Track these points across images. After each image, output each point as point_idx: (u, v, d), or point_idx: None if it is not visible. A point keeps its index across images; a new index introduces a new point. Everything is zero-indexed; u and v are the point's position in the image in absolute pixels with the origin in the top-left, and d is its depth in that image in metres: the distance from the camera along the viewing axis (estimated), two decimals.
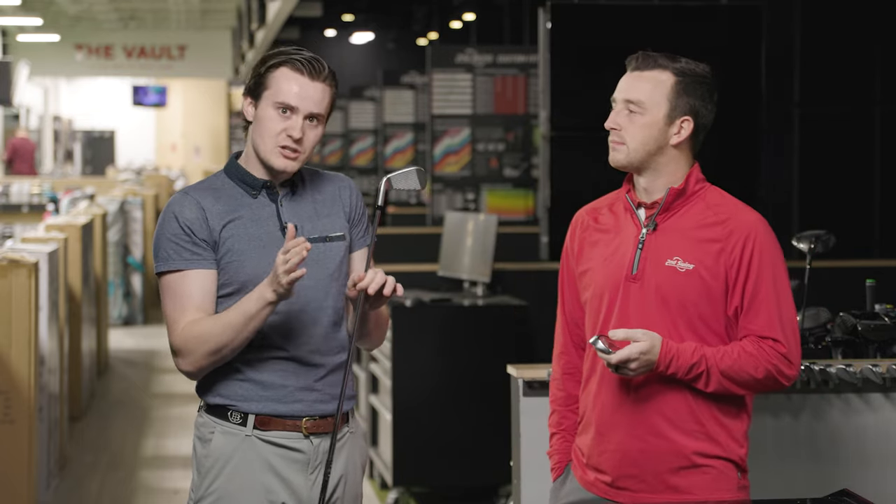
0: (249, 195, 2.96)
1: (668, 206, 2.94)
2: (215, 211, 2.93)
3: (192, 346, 2.88)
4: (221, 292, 2.93)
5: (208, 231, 2.91)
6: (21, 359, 5.49)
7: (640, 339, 2.83)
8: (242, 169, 2.98)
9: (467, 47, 10.31)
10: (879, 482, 3.78)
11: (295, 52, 2.94)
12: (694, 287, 2.89)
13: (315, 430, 2.94)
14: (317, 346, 2.94)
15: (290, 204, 2.97)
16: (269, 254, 2.90)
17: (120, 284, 12.02)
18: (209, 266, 2.91)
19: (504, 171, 10.29)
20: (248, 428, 2.93)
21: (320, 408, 2.94)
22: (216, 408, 2.96)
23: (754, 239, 2.90)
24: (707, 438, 2.92)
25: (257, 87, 2.93)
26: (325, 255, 2.96)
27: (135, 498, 6.53)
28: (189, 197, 2.94)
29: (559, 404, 3.13)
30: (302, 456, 2.94)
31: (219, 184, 2.99)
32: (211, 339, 2.86)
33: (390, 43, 20.70)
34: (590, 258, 3.03)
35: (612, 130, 2.96)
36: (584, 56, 6.15)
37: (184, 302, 2.90)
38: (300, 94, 2.90)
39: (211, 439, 2.95)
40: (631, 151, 2.94)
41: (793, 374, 2.90)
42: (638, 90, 2.93)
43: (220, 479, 2.94)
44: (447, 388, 6.19)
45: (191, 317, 2.89)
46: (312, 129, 2.94)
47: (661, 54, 2.96)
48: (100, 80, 27.15)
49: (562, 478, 3.11)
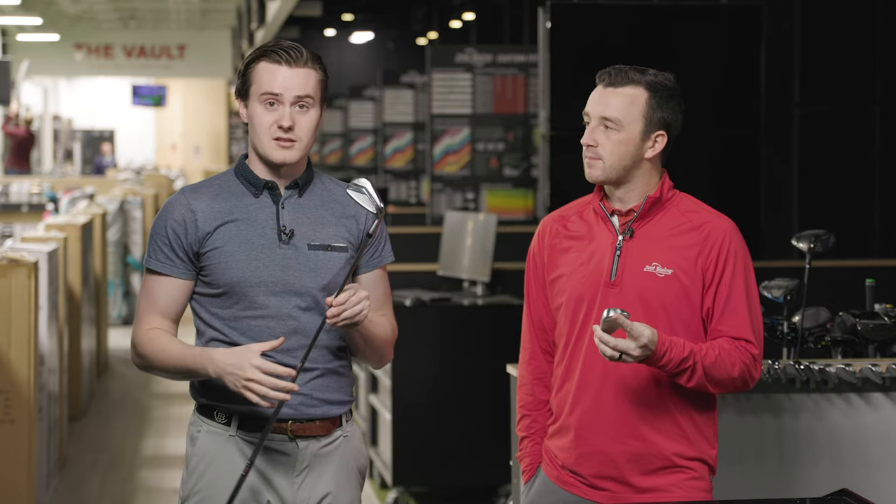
0: (252, 194, 2.95)
1: (643, 214, 3.00)
2: (210, 211, 2.92)
3: (143, 351, 2.95)
4: (210, 292, 2.94)
5: (196, 234, 2.91)
6: (21, 358, 5.49)
7: (644, 329, 2.84)
8: (248, 168, 2.98)
9: (467, 47, 10.31)
10: (879, 482, 3.78)
11: (272, 45, 2.93)
12: (673, 291, 2.95)
13: (301, 433, 2.93)
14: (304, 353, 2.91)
15: (292, 207, 2.96)
16: (257, 257, 2.90)
17: (119, 284, 12.02)
18: (181, 275, 2.94)
19: (504, 170, 10.29)
20: (233, 428, 2.93)
21: (307, 411, 2.92)
22: (204, 407, 2.97)
23: (728, 244, 2.97)
24: (684, 440, 2.99)
25: (243, 86, 2.95)
26: (322, 265, 2.94)
27: (134, 498, 6.52)
28: (183, 197, 2.96)
29: (529, 409, 3.18)
30: (286, 458, 2.93)
31: (223, 182, 2.99)
32: (155, 359, 2.93)
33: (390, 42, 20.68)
34: (562, 265, 3.06)
35: (587, 147, 2.99)
36: (584, 56, 6.15)
37: (150, 302, 2.96)
38: (281, 82, 2.89)
39: (198, 438, 2.97)
40: (607, 167, 2.99)
41: (758, 375, 3.00)
42: (613, 107, 2.97)
43: (204, 479, 2.94)
44: (447, 388, 6.19)
45: (155, 321, 2.94)
46: (303, 114, 2.92)
47: (630, 68, 3.00)
48: (99, 80, 27.17)
49: (532, 479, 3.15)
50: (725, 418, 3.72)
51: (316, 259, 2.93)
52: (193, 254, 2.92)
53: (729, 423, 3.74)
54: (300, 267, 2.91)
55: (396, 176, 14.28)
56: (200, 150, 26.53)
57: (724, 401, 3.72)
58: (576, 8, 6.26)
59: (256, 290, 2.90)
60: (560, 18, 6.14)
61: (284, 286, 2.90)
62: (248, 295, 2.90)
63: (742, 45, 6.36)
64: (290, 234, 2.92)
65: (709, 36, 6.36)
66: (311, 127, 2.93)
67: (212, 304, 2.93)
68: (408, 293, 6.45)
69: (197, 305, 2.97)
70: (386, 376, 6.32)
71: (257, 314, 2.90)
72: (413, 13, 18.59)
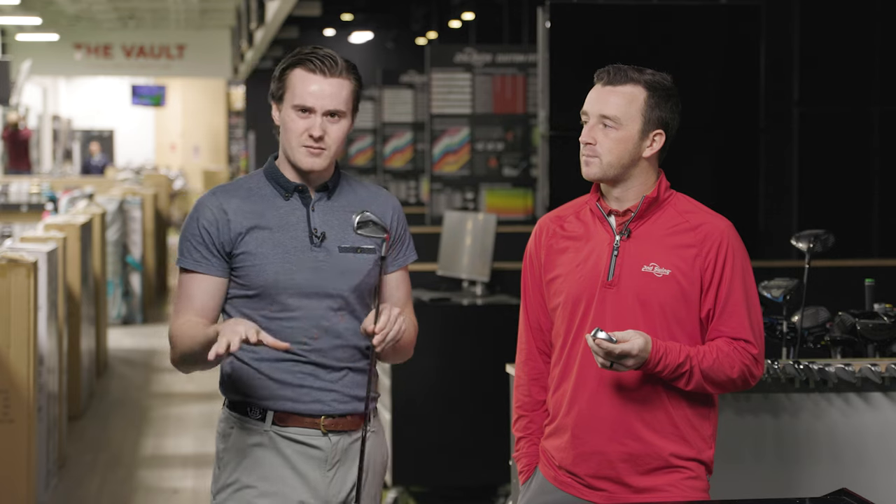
0: (282, 197, 2.98)
1: (641, 214, 3.00)
2: (241, 212, 2.96)
3: (174, 342, 2.96)
4: (243, 293, 2.97)
5: (228, 234, 2.95)
6: (20, 358, 5.49)
7: (636, 337, 2.86)
8: (278, 170, 3.01)
9: (466, 47, 10.31)
10: (878, 481, 3.78)
11: (309, 52, 2.96)
12: (671, 291, 2.96)
13: (334, 428, 2.97)
14: (336, 353, 2.97)
15: (322, 210, 2.99)
16: (291, 260, 2.93)
17: (119, 284, 12.02)
18: (216, 273, 2.96)
19: (503, 170, 10.29)
20: (267, 423, 2.96)
21: (339, 407, 2.97)
22: (236, 404, 3.00)
23: (727, 244, 2.98)
24: (681, 440, 2.99)
25: (279, 91, 2.97)
26: (352, 267, 2.97)
27: (134, 497, 6.53)
28: (214, 198, 2.99)
29: (525, 409, 3.19)
30: (320, 453, 2.97)
31: (253, 183, 3.02)
32: (182, 345, 2.93)
33: (389, 42, 20.66)
34: (559, 265, 3.07)
35: (586, 145, 3.00)
36: (584, 56, 6.16)
37: (186, 301, 2.97)
38: (315, 93, 2.92)
39: (231, 434, 3.00)
40: (605, 165, 2.99)
41: (760, 374, 3.00)
42: (612, 105, 2.98)
43: (238, 471, 2.98)
44: (446, 388, 6.19)
45: (189, 317, 2.95)
46: (334, 124, 2.95)
47: (629, 67, 3.01)
48: (99, 80, 27.16)
49: (529, 480, 3.16)
50: (724, 418, 3.72)
51: (346, 261, 2.97)
52: (226, 253, 2.96)
53: (728, 423, 3.74)
54: (332, 269, 2.95)
55: (396, 176, 14.28)
56: (200, 149, 26.53)
57: (723, 401, 3.72)
58: (575, 8, 6.27)
59: (289, 293, 2.94)
60: (559, 18, 6.15)
61: (317, 289, 2.94)
62: (282, 297, 2.94)
63: (741, 44, 6.36)
64: (321, 237, 2.96)
65: (709, 36, 6.37)
66: (341, 136, 2.97)
67: (244, 306, 2.97)
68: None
69: (229, 307, 3.00)
70: (385, 376, 6.32)
71: (289, 315, 2.95)
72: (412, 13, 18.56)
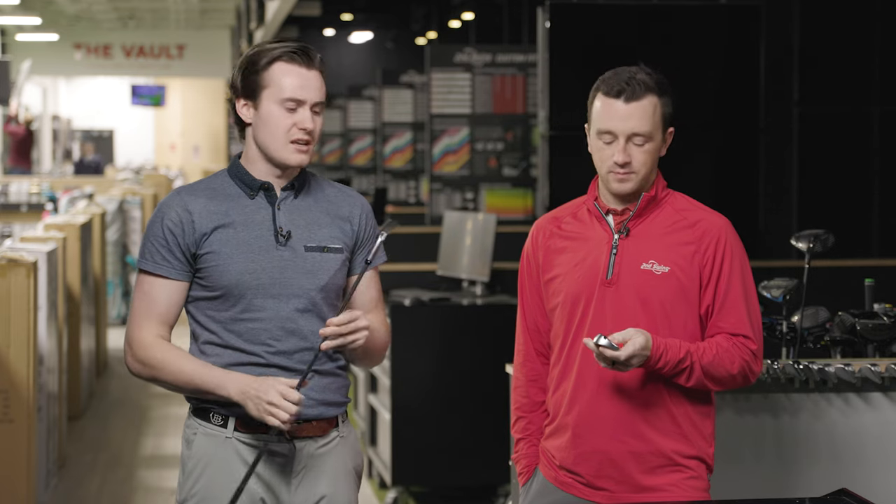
0: (247, 195, 2.93)
1: (639, 212, 3.00)
2: (206, 212, 2.90)
3: (150, 360, 2.91)
4: (207, 294, 2.91)
5: (193, 235, 2.89)
6: (20, 358, 5.48)
7: (636, 336, 2.86)
8: (243, 169, 2.96)
9: (466, 47, 10.31)
10: (878, 482, 3.78)
11: (284, 45, 2.90)
12: (671, 289, 2.96)
13: (298, 434, 2.91)
14: (301, 356, 2.90)
15: (288, 208, 2.94)
16: (255, 259, 2.88)
17: (119, 284, 12.01)
18: (178, 277, 2.91)
19: (503, 170, 10.29)
20: (229, 430, 2.91)
21: (304, 412, 2.87)
22: (199, 410, 2.95)
23: (725, 241, 2.99)
24: (683, 438, 3.00)
25: (253, 86, 2.90)
26: (318, 266, 2.93)
27: (134, 497, 6.52)
28: (179, 198, 2.93)
29: (524, 410, 3.18)
30: (284, 460, 2.92)
31: (217, 183, 2.96)
32: (163, 371, 2.90)
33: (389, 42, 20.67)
34: (557, 265, 3.07)
35: (624, 165, 2.96)
36: (584, 55, 6.16)
37: (149, 305, 2.92)
38: (303, 85, 2.88)
39: (194, 440, 2.95)
40: (640, 179, 3.00)
41: (759, 370, 3.01)
42: (642, 123, 2.96)
43: (201, 481, 2.92)
44: (446, 388, 6.19)
45: (155, 327, 2.91)
46: (317, 116, 2.92)
47: (635, 74, 2.96)
48: (98, 80, 27.15)
49: (530, 481, 3.16)
50: (724, 418, 3.72)
51: (312, 260, 2.92)
52: (191, 255, 2.90)
53: (727, 423, 3.74)
54: (297, 269, 2.90)
55: (396, 176, 14.28)
56: (199, 149, 26.51)
57: (722, 400, 3.72)
58: (575, 7, 6.26)
59: (254, 293, 2.88)
60: (559, 18, 6.14)
61: (282, 288, 2.89)
62: (246, 297, 2.88)
63: (741, 44, 6.36)
64: (286, 235, 2.91)
65: (708, 36, 6.36)
66: (320, 129, 2.94)
67: (208, 307, 2.92)
68: (407, 293, 6.45)
69: (193, 308, 2.95)
70: (385, 376, 6.32)
71: (255, 316, 2.89)
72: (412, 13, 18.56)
